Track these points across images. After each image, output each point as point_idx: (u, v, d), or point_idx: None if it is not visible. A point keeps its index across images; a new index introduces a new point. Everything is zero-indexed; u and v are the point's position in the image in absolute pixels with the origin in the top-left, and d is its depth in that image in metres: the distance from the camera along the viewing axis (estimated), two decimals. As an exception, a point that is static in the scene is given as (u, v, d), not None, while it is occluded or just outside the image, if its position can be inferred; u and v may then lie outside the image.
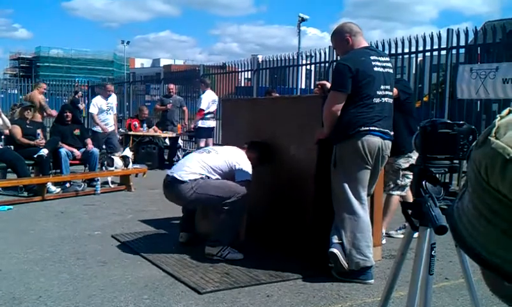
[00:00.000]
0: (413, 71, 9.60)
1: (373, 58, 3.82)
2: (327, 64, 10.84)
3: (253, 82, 13.20)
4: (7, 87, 23.17)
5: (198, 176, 4.27)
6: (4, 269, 4.01)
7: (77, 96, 15.49)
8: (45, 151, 7.56)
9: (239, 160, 4.43)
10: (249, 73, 13.42)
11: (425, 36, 8.62)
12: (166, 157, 11.34)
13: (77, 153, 8.01)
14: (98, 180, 7.71)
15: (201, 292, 3.53)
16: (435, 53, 8.68)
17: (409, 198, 4.82)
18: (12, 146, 7.79)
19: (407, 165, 4.75)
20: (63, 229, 5.35)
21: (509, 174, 0.53)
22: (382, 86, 3.81)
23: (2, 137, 8.59)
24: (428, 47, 8.62)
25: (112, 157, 8.69)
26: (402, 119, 4.64)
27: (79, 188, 7.62)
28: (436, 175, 1.95)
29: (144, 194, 7.71)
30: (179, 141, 11.97)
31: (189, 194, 4.23)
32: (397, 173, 4.85)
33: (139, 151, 10.43)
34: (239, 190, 4.23)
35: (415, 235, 1.96)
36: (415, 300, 1.88)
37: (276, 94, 9.03)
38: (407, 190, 4.88)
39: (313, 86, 11.55)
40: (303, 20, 33.08)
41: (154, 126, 11.41)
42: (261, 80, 13.18)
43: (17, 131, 7.80)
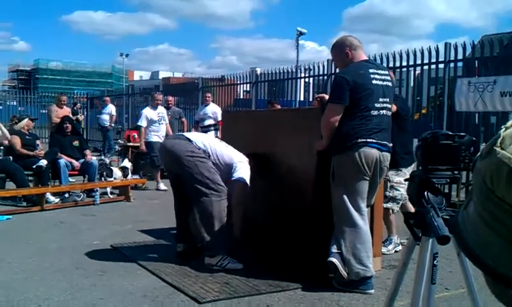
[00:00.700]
0: (411, 85, 9.66)
1: (372, 71, 3.85)
2: (325, 77, 10.90)
3: (251, 94, 13.25)
4: (6, 98, 23.24)
5: (203, 147, 4.36)
6: (3, 279, 4.00)
7: (75, 108, 15.55)
8: (44, 162, 7.56)
9: (241, 162, 4.48)
10: (248, 85, 13.48)
11: (423, 49, 8.69)
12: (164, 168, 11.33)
13: (76, 164, 8.01)
14: (97, 190, 7.71)
15: (201, 302, 3.52)
16: (433, 66, 8.74)
17: (410, 209, 4.84)
18: (11, 157, 7.79)
19: (397, 178, 4.79)
20: (62, 239, 5.34)
21: None
22: (381, 99, 3.83)
23: (1, 148, 8.59)
24: (426, 61, 8.68)
25: (111, 167, 8.70)
26: (397, 135, 4.66)
27: (78, 199, 7.61)
28: (438, 186, 1.97)
29: (143, 204, 7.71)
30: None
31: (188, 158, 4.26)
32: (385, 185, 4.85)
33: (138, 162, 10.44)
34: (226, 190, 4.29)
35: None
36: (417, 309, 1.89)
37: (278, 105, 9.08)
38: (400, 203, 4.90)
39: (311, 99, 11.62)
40: (301, 34, 33.25)
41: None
42: (260, 93, 13.25)
43: (16, 141, 7.81)
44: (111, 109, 16.41)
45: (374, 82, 3.81)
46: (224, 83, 14.69)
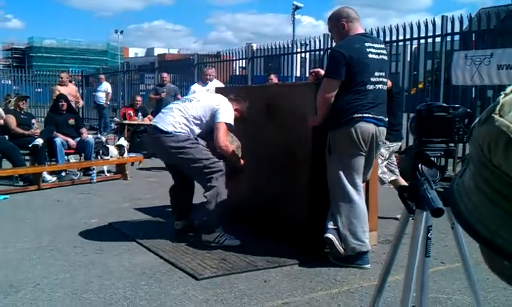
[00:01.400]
0: (408, 59, 9.60)
1: (368, 45, 3.81)
2: (321, 52, 10.83)
3: (247, 70, 13.18)
4: (0, 78, 23.04)
5: (180, 128, 4.24)
6: (1, 258, 4.01)
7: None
8: (40, 141, 7.54)
9: (221, 103, 4.38)
10: (244, 61, 13.40)
11: (419, 23, 8.62)
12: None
13: (72, 143, 7.98)
14: (94, 168, 7.70)
15: (198, 278, 3.55)
16: (430, 40, 8.68)
17: (402, 182, 4.88)
18: (7, 136, 7.76)
19: (384, 151, 4.89)
20: (60, 218, 5.36)
21: None
22: (376, 73, 3.80)
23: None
24: (423, 34, 8.63)
25: (108, 145, 8.67)
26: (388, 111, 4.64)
27: (75, 177, 7.62)
28: (432, 158, 1.96)
29: (140, 182, 7.72)
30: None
31: (176, 152, 4.19)
32: None
33: (134, 140, 10.41)
34: (222, 163, 4.25)
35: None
36: (411, 282, 1.90)
37: (275, 78, 9.06)
38: (386, 178, 5.02)
39: (308, 74, 11.55)
40: (297, 8, 32.84)
41: (149, 115, 11.38)
42: (256, 69, 13.17)
43: (12, 121, 7.77)
44: (107, 86, 16.31)
45: (370, 56, 3.78)
46: (220, 59, 14.58)
